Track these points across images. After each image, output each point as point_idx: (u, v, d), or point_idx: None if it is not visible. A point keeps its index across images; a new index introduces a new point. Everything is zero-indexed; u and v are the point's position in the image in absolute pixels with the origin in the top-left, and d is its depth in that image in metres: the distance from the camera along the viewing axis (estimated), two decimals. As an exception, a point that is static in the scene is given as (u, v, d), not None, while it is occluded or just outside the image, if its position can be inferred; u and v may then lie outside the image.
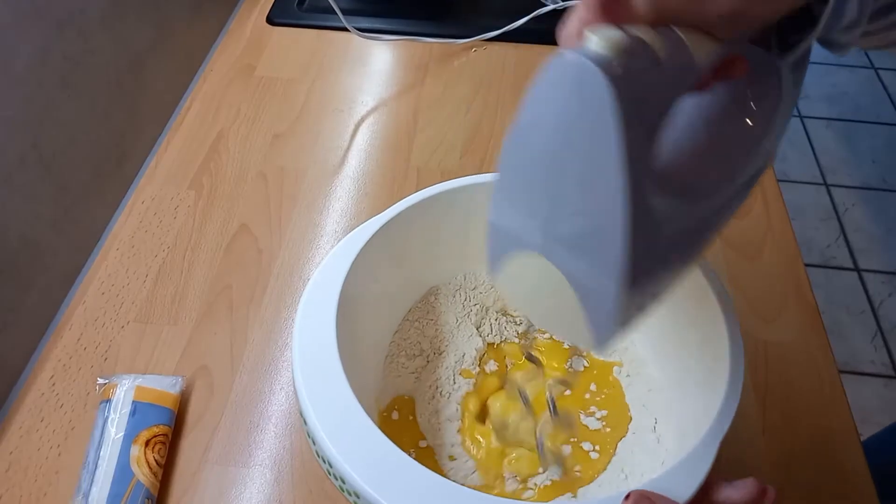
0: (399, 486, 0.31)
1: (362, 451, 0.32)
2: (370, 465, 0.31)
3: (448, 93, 0.73)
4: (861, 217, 1.67)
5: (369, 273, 0.41)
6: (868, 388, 1.36)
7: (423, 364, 0.47)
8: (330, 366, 0.35)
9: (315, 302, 0.38)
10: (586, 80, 0.24)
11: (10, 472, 0.45)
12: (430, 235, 0.46)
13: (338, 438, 0.32)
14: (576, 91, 0.24)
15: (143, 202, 0.62)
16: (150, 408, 0.45)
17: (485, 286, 0.50)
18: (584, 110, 0.24)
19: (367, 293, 0.42)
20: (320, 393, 0.34)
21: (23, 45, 0.50)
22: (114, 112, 0.61)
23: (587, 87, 0.24)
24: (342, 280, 0.39)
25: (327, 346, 0.36)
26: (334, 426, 0.33)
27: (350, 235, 0.42)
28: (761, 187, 0.64)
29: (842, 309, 1.48)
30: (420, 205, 0.44)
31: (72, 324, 0.53)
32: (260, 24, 0.81)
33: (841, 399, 0.50)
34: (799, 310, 0.55)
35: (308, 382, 0.34)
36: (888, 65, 2.10)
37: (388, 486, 0.30)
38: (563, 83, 0.25)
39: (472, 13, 0.84)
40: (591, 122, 0.24)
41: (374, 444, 0.32)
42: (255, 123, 0.69)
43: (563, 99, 0.25)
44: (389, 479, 0.31)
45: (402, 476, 0.31)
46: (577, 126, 0.25)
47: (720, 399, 0.34)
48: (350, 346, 0.37)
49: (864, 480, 0.46)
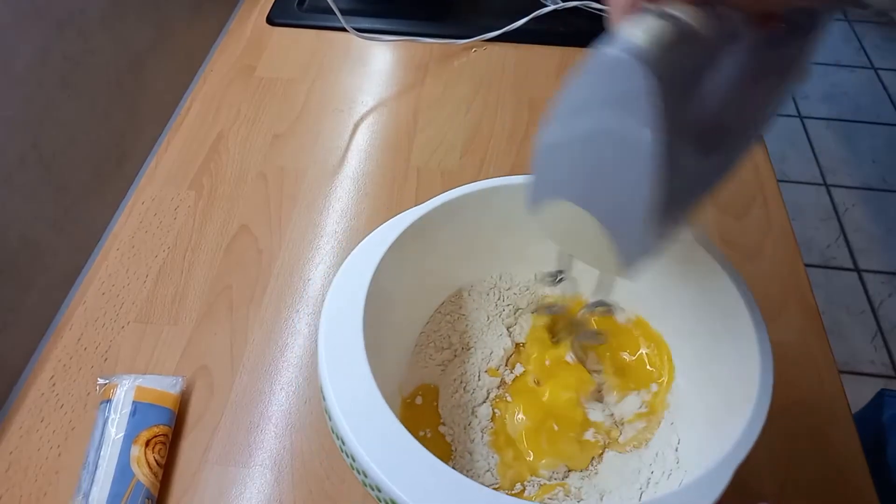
0: (407, 470, 0.31)
1: (375, 432, 0.32)
2: (381, 447, 0.32)
3: (448, 93, 0.73)
4: (861, 217, 1.67)
5: (401, 263, 0.41)
6: (868, 388, 1.35)
7: (450, 357, 0.47)
8: (353, 348, 0.35)
9: (345, 288, 0.38)
10: (627, 74, 0.26)
11: (10, 472, 0.45)
12: (466, 231, 0.46)
13: (352, 417, 0.33)
14: (617, 84, 0.27)
15: (143, 202, 0.62)
16: (151, 408, 0.45)
17: (519, 287, 0.50)
18: (625, 100, 0.27)
19: (398, 283, 0.42)
20: (341, 372, 0.34)
21: (23, 45, 0.50)
22: (114, 112, 0.61)
23: (627, 80, 0.26)
24: (374, 268, 0.39)
25: (353, 331, 0.36)
26: (351, 405, 0.33)
27: (387, 224, 0.42)
28: (761, 187, 0.64)
29: (842, 309, 1.48)
30: (459, 200, 0.44)
31: (72, 324, 0.53)
32: (260, 25, 0.81)
33: (841, 399, 0.50)
34: (799, 310, 0.55)
35: (331, 362, 0.35)
36: (888, 65, 2.10)
37: (397, 469, 0.31)
38: (606, 75, 0.27)
39: (472, 13, 0.84)
40: (631, 111, 0.27)
41: (386, 427, 0.33)
42: (255, 124, 0.69)
43: (605, 89, 0.28)
44: (398, 462, 0.31)
45: (411, 462, 0.31)
46: (617, 113, 0.28)
47: (744, 422, 0.34)
48: (377, 332, 0.37)
49: (864, 480, 0.46)
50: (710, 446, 0.36)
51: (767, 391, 0.35)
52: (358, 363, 0.35)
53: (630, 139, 0.28)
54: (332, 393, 0.34)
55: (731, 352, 0.39)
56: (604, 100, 0.28)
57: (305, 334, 0.53)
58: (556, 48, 0.77)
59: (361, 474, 0.32)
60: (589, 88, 0.29)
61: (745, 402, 0.35)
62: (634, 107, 0.27)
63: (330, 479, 0.45)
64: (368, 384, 0.34)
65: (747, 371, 0.36)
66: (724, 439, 0.33)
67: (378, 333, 0.38)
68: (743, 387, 0.36)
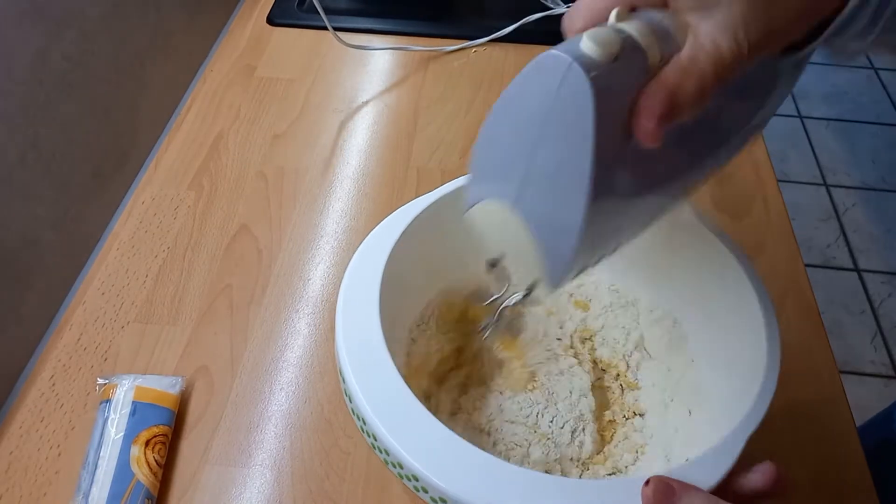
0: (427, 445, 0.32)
1: (393, 407, 0.33)
2: (401, 424, 0.32)
3: (448, 93, 0.73)
4: (861, 217, 1.67)
5: (414, 248, 0.42)
6: (868, 388, 1.36)
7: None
8: (368, 316, 0.36)
9: (361, 273, 0.39)
10: (571, 82, 0.25)
11: (9, 471, 0.45)
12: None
13: (370, 394, 0.33)
14: (558, 86, 0.26)
15: (143, 202, 0.62)
16: (150, 408, 0.45)
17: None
18: (566, 105, 0.26)
19: (410, 267, 0.42)
20: (358, 348, 0.35)
21: (23, 45, 0.50)
22: (114, 112, 0.61)
23: (570, 85, 0.25)
24: (387, 254, 0.40)
25: (370, 312, 0.37)
26: (366, 378, 0.34)
27: (414, 201, 0.43)
28: (761, 187, 0.64)
29: (842, 309, 1.48)
30: None
31: (72, 324, 0.53)
32: (260, 25, 0.81)
33: (841, 399, 0.50)
34: (799, 310, 0.55)
35: (348, 341, 0.35)
36: (888, 65, 2.10)
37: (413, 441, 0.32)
38: (549, 77, 0.26)
39: (472, 14, 0.84)
40: (570, 117, 0.26)
41: (403, 400, 0.34)
42: (255, 124, 0.69)
43: (546, 90, 0.27)
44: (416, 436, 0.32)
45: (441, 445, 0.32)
46: (556, 116, 0.27)
47: (753, 394, 0.34)
48: (391, 306, 0.38)
49: (864, 480, 0.46)
50: (721, 420, 0.36)
51: (775, 360, 0.36)
52: (372, 329, 0.36)
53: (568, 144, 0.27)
54: (351, 373, 0.34)
55: (739, 326, 0.39)
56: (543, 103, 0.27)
57: (305, 334, 0.53)
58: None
59: (369, 435, 0.33)
60: (530, 87, 0.28)
61: (754, 373, 0.36)
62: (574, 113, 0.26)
63: (330, 479, 0.45)
64: (384, 356, 0.35)
65: (754, 342, 0.37)
66: (734, 411, 0.34)
67: (392, 307, 0.39)
68: (750, 358, 0.37)
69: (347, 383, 0.34)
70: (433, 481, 0.30)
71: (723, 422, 0.35)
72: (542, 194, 0.29)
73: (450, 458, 0.31)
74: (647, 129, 0.26)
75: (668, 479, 0.30)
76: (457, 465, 0.31)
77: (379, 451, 0.33)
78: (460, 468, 0.31)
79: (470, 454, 0.31)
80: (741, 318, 0.39)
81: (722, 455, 0.32)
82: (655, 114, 0.26)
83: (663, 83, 0.26)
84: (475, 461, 0.31)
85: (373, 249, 0.40)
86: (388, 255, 0.40)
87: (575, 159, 0.27)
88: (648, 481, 0.29)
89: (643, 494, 0.29)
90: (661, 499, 0.29)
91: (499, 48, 0.78)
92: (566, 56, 0.25)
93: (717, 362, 0.42)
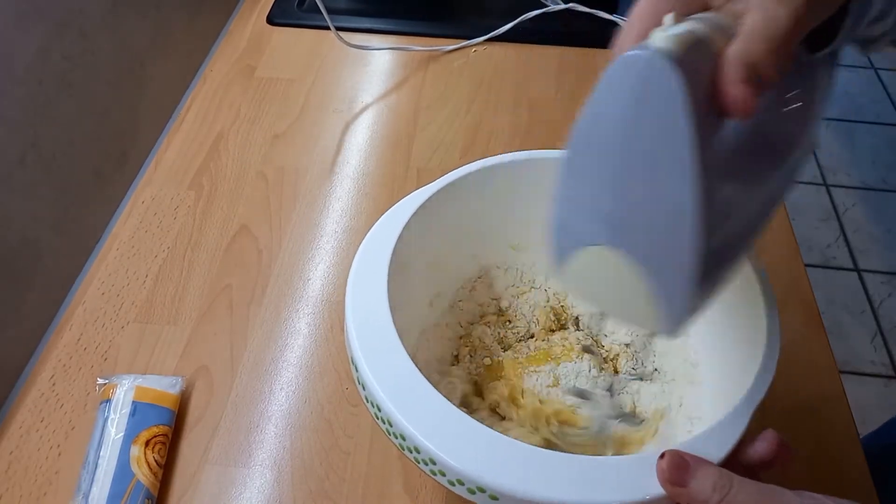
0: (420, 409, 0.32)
1: (407, 392, 0.33)
2: (416, 408, 0.33)
3: (448, 93, 0.73)
4: (861, 217, 1.67)
5: (427, 230, 0.42)
6: (868, 388, 1.36)
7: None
8: (380, 310, 0.36)
9: (369, 259, 0.39)
10: (654, 73, 0.25)
11: (9, 471, 0.45)
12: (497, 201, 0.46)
13: (383, 379, 0.34)
14: (643, 85, 0.25)
15: (143, 202, 0.62)
16: (150, 408, 0.45)
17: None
18: (654, 104, 0.25)
19: (421, 251, 0.43)
20: (369, 336, 0.35)
21: (23, 45, 0.50)
22: (114, 112, 0.61)
23: (655, 80, 0.25)
24: (395, 238, 0.40)
25: (379, 298, 0.37)
26: (377, 363, 0.34)
27: (425, 187, 0.43)
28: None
29: (842, 309, 1.48)
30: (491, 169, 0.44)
31: (72, 324, 0.53)
32: (260, 25, 0.81)
33: (841, 399, 0.50)
34: (799, 310, 0.55)
35: (360, 331, 0.35)
36: (888, 65, 2.10)
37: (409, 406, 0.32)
38: (630, 78, 0.26)
39: (472, 13, 0.84)
40: (661, 115, 0.25)
41: (410, 380, 0.34)
42: (255, 124, 0.69)
43: (629, 94, 0.26)
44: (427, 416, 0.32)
45: (450, 424, 0.32)
46: (646, 120, 0.26)
47: (755, 369, 0.35)
48: (400, 287, 0.38)
49: (864, 480, 0.46)
50: (724, 398, 0.37)
51: (775, 338, 0.37)
52: (381, 313, 0.36)
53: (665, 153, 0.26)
54: (363, 360, 0.34)
55: (741, 314, 0.40)
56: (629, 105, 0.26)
57: (305, 334, 0.53)
58: (556, 48, 0.77)
59: (399, 437, 0.33)
60: (613, 94, 0.27)
61: (754, 354, 0.36)
62: (665, 110, 0.25)
63: (330, 478, 0.45)
64: (394, 342, 0.35)
65: (754, 325, 0.38)
66: (738, 389, 0.34)
67: (402, 290, 0.39)
68: (751, 341, 0.37)
69: (360, 371, 0.34)
70: (450, 463, 0.31)
71: (725, 397, 0.35)
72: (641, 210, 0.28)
73: (465, 439, 0.31)
74: (735, 97, 0.26)
75: (683, 453, 0.30)
76: (474, 448, 0.31)
77: (394, 436, 0.33)
78: (478, 450, 0.31)
79: (485, 436, 0.32)
80: (738, 296, 0.40)
81: (730, 427, 0.32)
82: (739, 79, 0.26)
83: (734, 52, 0.26)
84: (490, 442, 0.31)
85: (381, 235, 0.40)
86: (397, 239, 0.40)
87: (672, 153, 0.25)
88: (664, 455, 0.30)
89: (658, 467, 0.30)
90: (675, 472, 0.29)
91: (498, 47, 0.78)
92: (645, 51, 0.25)
93: (717, 342, 0.42)
